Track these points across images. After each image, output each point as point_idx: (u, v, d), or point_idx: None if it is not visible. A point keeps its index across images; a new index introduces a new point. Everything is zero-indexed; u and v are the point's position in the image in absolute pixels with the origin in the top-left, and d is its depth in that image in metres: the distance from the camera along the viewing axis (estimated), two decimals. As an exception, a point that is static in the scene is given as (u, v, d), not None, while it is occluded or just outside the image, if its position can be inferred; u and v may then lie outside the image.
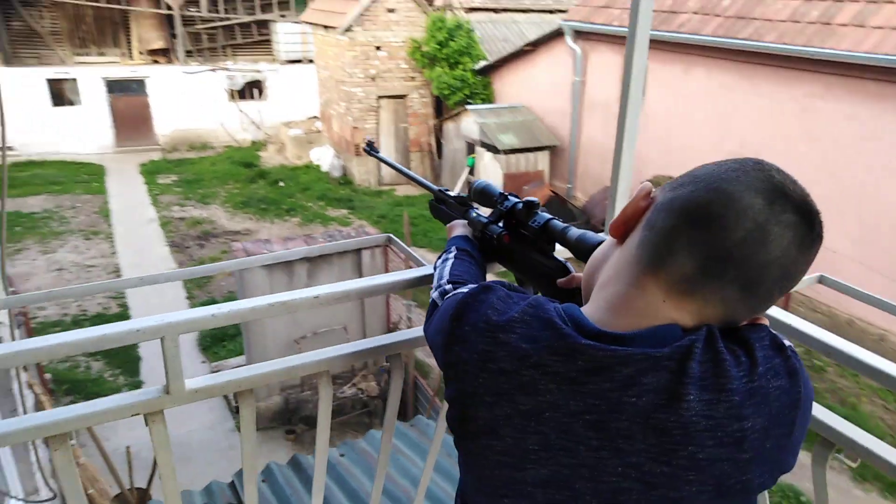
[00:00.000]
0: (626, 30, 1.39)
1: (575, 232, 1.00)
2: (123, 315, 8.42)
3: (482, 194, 1.24)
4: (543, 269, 1.07)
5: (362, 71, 13.37)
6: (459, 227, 1.28)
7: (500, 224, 1.19)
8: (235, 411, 6.68)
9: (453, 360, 0.78)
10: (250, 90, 17.20)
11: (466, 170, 11.83)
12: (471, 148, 11.63)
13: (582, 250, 0.96)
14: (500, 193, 1.20)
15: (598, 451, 0.68)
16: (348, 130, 13.64)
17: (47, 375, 6.69)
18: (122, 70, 16.32)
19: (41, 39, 16.21)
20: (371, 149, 1.66)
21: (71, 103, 15.93)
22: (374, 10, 13.29)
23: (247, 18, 17.62)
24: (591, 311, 0.75)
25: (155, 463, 4.46)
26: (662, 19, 9.36)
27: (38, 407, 5.31)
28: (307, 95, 16.69)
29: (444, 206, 1.41)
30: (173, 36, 17.01)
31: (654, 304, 0.71)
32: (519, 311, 0.74)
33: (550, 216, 1.09)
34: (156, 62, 16.97)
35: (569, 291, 1.00)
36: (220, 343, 7.69)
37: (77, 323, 8.12)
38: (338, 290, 1.21)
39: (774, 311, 1.18)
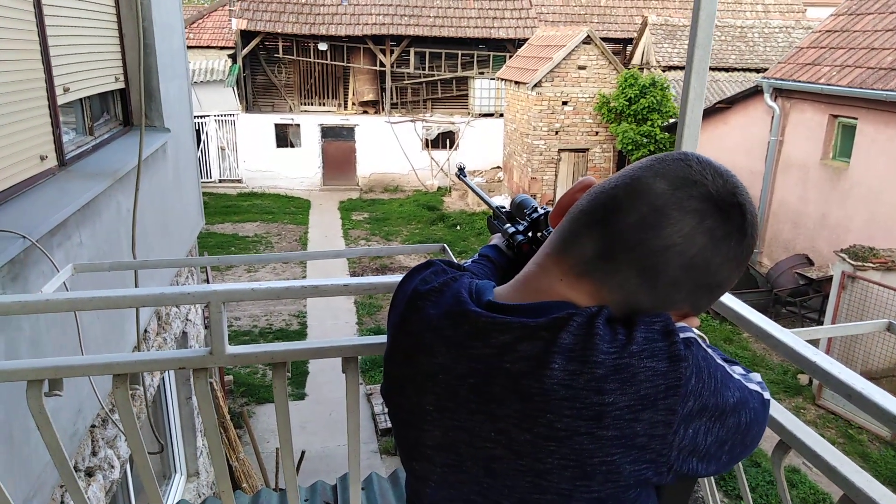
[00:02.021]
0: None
1: None
2: (301, 332, 9.29)
3: (518, 207, 1.28)
4: None
5: (546, 124, 13.65)
6: (495, 238, 1.33)
7: (527, 234, 1.22)
8: (381, 434, 6.99)
9: (388, 324, 0.84)
10: (443, 140, 18.34)
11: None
12: (649, 205, 11.26)
13: None
14: (533, 207, 1.24)
15: (476, 414, 0.70)
16: (527, 181, 13.92)
17: (228, 377, 7.57)
18: (336, 118, 18.32)
19: (276, 90, 18.80)
20: (461, 173, 1.77)
21: (292, 145, 18.21)
22: (564, 67, 13.59)
23: (449, 75, 18.88)
24: (500, 288, 0.77)
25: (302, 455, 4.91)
26: (880, 76, 8.42)
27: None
28: (494, 147, 17.40)
29: (497, 221, 1.46)
30: (383, 89, 18.75)
31: (551, 282, 0.72)
32: (439, 283, 0.79)
33: None
34: (365, 112, 18.78)
35: None
36: (378, 368, 8.15)
37: (262, 335, 9.11)
38: (365, 283, 1.31)
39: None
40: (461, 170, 1.77)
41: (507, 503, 0.69)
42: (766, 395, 0.77)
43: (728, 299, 1.28)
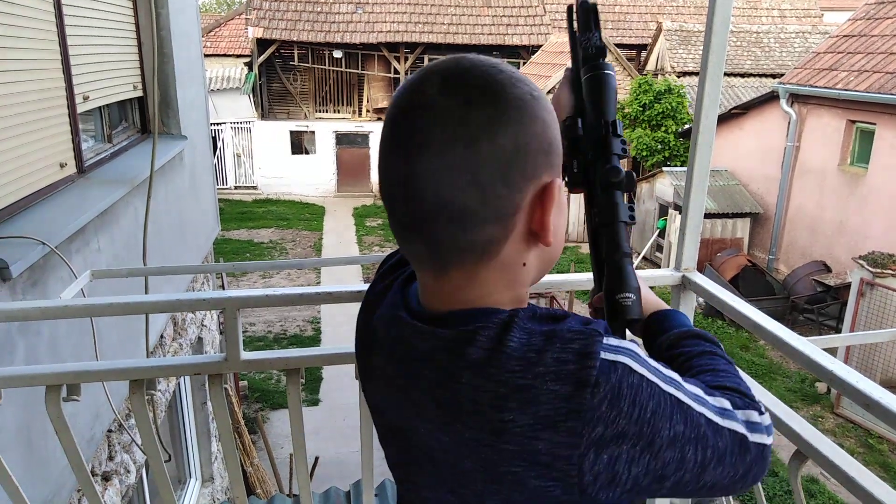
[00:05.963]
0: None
1: None
2: (316, 338, 9.32)
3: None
4: None
5: (561, 130, 13.63)
6: None
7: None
8: (394, 441, 6.98)
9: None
10: (456, 146, 18.39)
11: (656, 232, 11.37)
12: (663, 210, 11.19)
13: None
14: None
15: (410, 420, 0.72)
16: (542, 187, 13.91)
17: (243, 382, 7.61)
18: (350, 125, 18.43)
19: (292, 98, 18.96)
20: None
21: (306, 152, 18.34)
22: (578, 73, 13.55)
23: (462, 81, 18.92)
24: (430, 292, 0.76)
25: (316, 461, 4.90)
26: (898, 81, 8.33)
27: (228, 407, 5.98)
28: (508, 153, 17.42)
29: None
30: (396, 96, 18.83)
31: (465, 290, 0.70)
32: (384, 286, 0.82)
33: None
34: (379, 119, 18.87)
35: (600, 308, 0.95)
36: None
37: (277, 340, 9.16)
38: (379, 289, 1.31)
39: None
40: None
41: (453, 498, 0.71)
42: (755, 437, 0.69)
43: (743, 307, 1.27)
